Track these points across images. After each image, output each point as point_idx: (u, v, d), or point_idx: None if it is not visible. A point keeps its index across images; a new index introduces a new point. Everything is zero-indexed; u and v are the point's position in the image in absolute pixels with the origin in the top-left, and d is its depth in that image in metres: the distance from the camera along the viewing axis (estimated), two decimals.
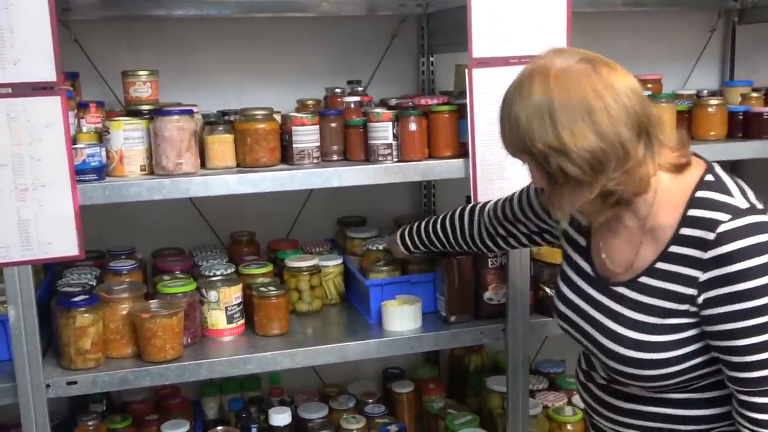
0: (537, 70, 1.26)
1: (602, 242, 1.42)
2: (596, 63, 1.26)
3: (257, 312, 2.00)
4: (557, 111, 1.22)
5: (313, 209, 2.53)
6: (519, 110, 1.26)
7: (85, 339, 1.80)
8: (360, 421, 2.30)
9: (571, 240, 1.51)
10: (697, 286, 1.27)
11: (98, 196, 1.73)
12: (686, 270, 1.29)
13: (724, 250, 1.24)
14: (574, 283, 1.47)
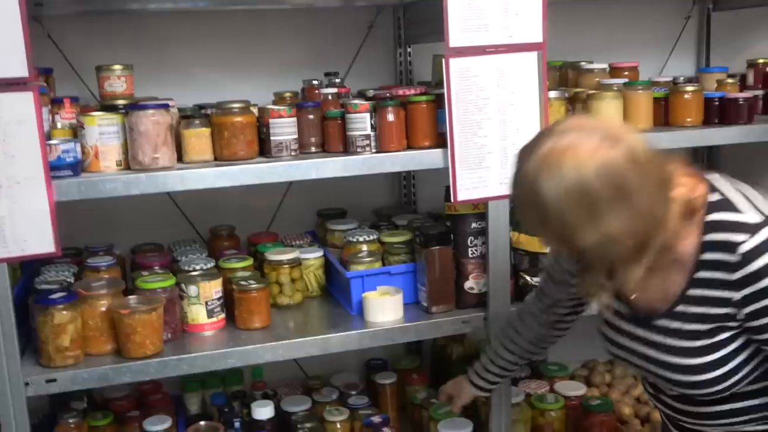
0: (563, 153, 1.19)
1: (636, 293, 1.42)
2: (618, 136, 1.21)
3: (238, 306, 1.99)
4: (596, 203, 1.18)
5: (292, 202, 2.52)
6: (551, 201, 1.19)
7: (64, 336, 1.78)
8: (343, 413, 2.30)
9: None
10: (734, 305, 1.31)
11: (74, 192, 1.71)
12: (718, 292, 1.32)
13: (751, 269, 1.26)
14: (617, 326, 1.49)
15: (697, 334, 1.35)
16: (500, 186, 1.94)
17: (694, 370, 1.37)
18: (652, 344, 1.42)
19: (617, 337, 1.49)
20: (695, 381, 1.37)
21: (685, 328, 1.36)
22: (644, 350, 1.43)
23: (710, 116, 2.20)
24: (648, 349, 1.43)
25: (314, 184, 2.44)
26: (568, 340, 2.55)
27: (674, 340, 1.38)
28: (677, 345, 1.38)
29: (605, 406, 2.32)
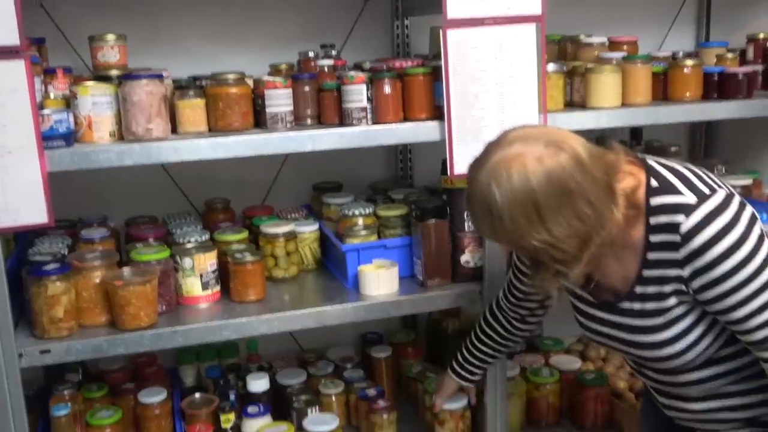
0: (511, 162, 1.27)
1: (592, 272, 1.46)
2: (561, 142, 1.28)
3: (233, 278, 1.99)
4: (543, 207, 1.26)
5: (288, 175, 2.51)
6: (502, 207, 1.27)
7: (58, 307, 1.77)
8: (338, 386, 2.30)
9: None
10: (684, 281, 1.36)
11: (66, 163, 1.69)
12: (669, 271, 1.37)
13: (692, 246, 1.32)
14: (587, 312, 1.56)
15: (657, 311, 1.42)
16: None
17: (661, 346, 1.43)
18: (620, 326, 1.48)
19: (589, 322, 1.56)
20: (665, 355, 1.44)
21: (646, 307, 1.43)
22: (615, 333, 1.50)
23: (709, 91, 2.18)
24: (618, 331, 1.49)
25: (310, 157, 2.42)
26: (563, 316, 2.56)
27: (638, 320, 1.45)
28: (641, 324, 1.44)
29: (600, 380, 2.32)
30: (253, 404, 2.12)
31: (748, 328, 1.34)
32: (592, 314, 1.54)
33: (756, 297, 1.32)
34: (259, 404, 2.12)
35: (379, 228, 2.17)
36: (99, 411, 2.10)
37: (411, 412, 2.37)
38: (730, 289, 1.32)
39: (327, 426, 2.05)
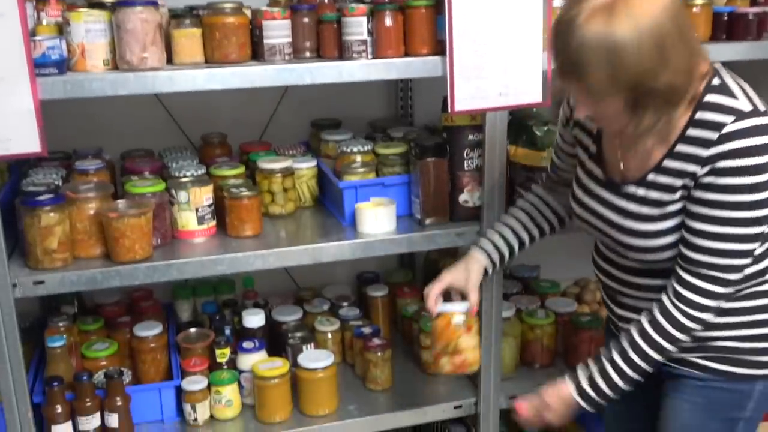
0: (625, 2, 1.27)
1: (620, 151, 1.52)
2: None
3: (229, 213, 1.97)
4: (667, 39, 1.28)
5: (286, 111, 2.47)
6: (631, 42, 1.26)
7: (52, 238, 1.76)
8: (334, 323, 2.31)
9: (584, 146, 1.62)
10: (695, 179, 1.40)
11: (59, 91, 1.66)
12: (689, 166, 1.41)
13: (724, 148, 1.36)
14: (587, 187, 1.60)
15: (658, 202, 1.46)
16: (499, 97, 1.88)
17: (649, 235, 1.48)
18: (617, 209, 1.52)
19: (587, 199, 1.59)
20: (647, 246, 1.49)
21: (649, 195, 1.47)
22: (608, 214, 1.54)
23: (718, 31, 2.13)
24: (612, 213, 1.53)
25: (309, 92, 2.39)
26: (560, 258, 2.56)
27: (636, 205, 1.49)
28: (637, 211, 1.49)
29: (595, 323, 2.33)
30: (249, 339, 2.13)
31: (700, 245, 1.42)
32: (593, 191, 1.57)
33: (728, 223, 1.39)
34: (254, 339, 2.13)
35: (378, 166, 2.14)
36: (94, 343, 2.11)
37: (406, 351, 2.38)
38: (724, 202, 1.38)
39: (322, 362, 2.06)
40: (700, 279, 1.44)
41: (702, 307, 1.46)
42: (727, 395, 1.57)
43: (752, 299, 1.53)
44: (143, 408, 2.02)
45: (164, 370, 2.13)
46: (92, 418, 1.93)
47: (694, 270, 1.44)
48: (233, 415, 2.06)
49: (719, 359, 1.55)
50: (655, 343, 1.48)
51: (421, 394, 2.18)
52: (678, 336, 1.47)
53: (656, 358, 1.49)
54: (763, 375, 1.56)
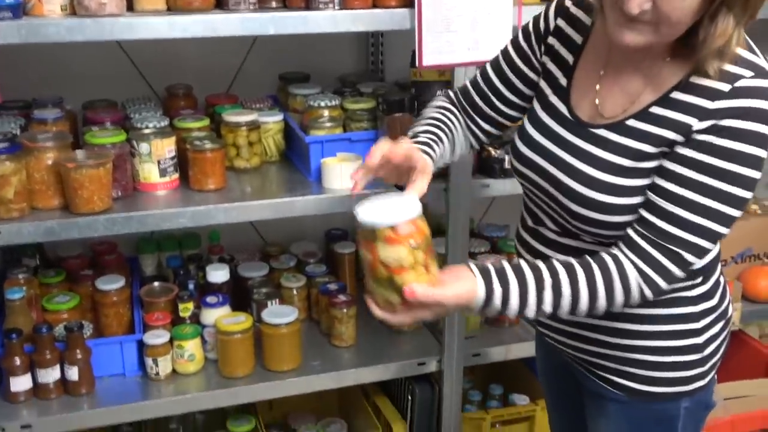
0: None
1: (600, 85, 1.34)
2: None
3: (192, 166, 1.95)
4: None
5: (254, 63, 2.43)
6: None
7: (8, 188, 1.73)
8: (300, 280, 2.31)
9: (550, 78, 1.43)
10: (687, 133, 1.22)
11: (13, 35, 1.61)
12: (682, 117, 1.23)
13: (735, 104, 1.19)
14: (545, 125, 1.40)
15: (633, 152, 1.27)
16: (468, 52, 1.87)
17: (612, 190, 1.28)
18: (580, 152, 1.32)
19: (542, 139, 1.39)
20: (605, 203, 1.29)
21: (623, 143, 1.28)
22: (567, 157, 1.34)
23: None
24: (572, 157, 1.33)
25: (277, 45, 2.37)
26: None
27: (605, 152, 1.29)
28: (608, 159, 1.29)
29: None
30: (213, 294, 2.12)
31: (667, 210, 1.22)
32: (552, 130, 1.38)
33: (715, 196, 1.21)
34: (218, 294, 2.12)
35: (345, 121, 2.12)
36: (56, 296, 2.09)
37: None
38: (715, 168, 1.20)
39: (286, 318, 2.06)
40: (662, 254, 1.24)
41: (657, 288, 1.26)
42: (652, 417, 1.43)
43: (677, 306, 1.38)
44: (104, 361, 2.01)
45: (127, 324, 2.12)
46: (51, 370, 1.92)
47: (658, 242, 1.24)
48: (195, 370, 2.06)
49: (638, 378, 1.41)
50: (594, 295, 1.25)
51: (386, 352, 2.19)
52: (617, 302, 1.26)
53: (582, 308, 1.26)
54: (687, 391, 1.41)
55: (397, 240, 1.22)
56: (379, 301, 1.28)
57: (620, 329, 1.40)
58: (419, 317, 1.27)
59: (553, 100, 1.41)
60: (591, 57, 1.39)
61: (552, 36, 1.44)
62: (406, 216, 1.25)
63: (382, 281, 1.24)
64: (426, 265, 1.25)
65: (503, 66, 1.53)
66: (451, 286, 1.23)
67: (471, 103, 1.56)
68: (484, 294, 1.23)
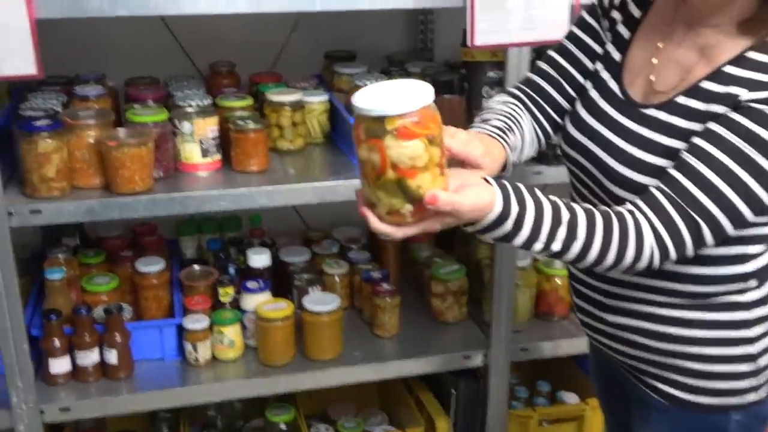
0: None
1: (657, 59, 1.31)
2: None
3: (234, 147, 1.95)
4: None
5: (299, 41, 2.43)
6: None
7: (49, 166, 1.75)
8: (342, 266, 2.30)
9: (605, 56, 1.40)
10: (736, 103, 1.18)
11: (56, 9, 1.63)
12: (732, 89, 1.19)
13: None
14: (597, 105, 1.38)
15: (680, 132, 1.23)
16: (523, 31, 1.83)
17: (652, 171, 1.24)
18: (628, 134, 1.29)
19: (589, 119, 1.37)
20: (645, 186, 1.23)
21: (672, 122, 1.25)
22: (612, 138, 1.31)
23: None
24: (618, 138, 1.31)
25: (323, 22, 2.35)
26: None
27: (654, 133, 1.26)
28: (653, 139, 1.26)
29: None
30: (253, 279, 2.13)
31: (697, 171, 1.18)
32: (604, 111, 1.35)
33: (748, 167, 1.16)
34: (259, 279, 2.13)
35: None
36: (95, 277, 2.12)
37: (416, 298, 2.37)
38: (754, 134, 1.16)
39: (327, 306, 2.06)
40: (681, 218, 1.18)
41: (666, 255, 1.19)
42: (698, 428, 1.38)
43: (729, 311, 1.32)
44: (143, 345, 2.04)
45: (166, 307, 2.14)
46: (90, 353, 1.95)
47: (680, 203, 1.18)
48: (235, 356, 2.07)
49: (682, 386, 1.36)
50: (607, 246, 1.18)
51: (430, 343, 2.18)
52: (626, 261, 1.19)
53: (589, 258, 1.18)
54: (739, 404, 1.36)
55: (411, 133, 1.05)
56: (382, 212, 1.10)
57: (664, 333, 1.36)
58: (428, 228, 1.12)
59: (605, 77, 1.39)
60: (649, 30, 1.36)
61: (616, 10, 1.42)
62: (421, 101, 1.06)
63: (388, 186, 1.07)
64: (441, 165, 1.09)
65: (568, 46, 1.47)
66: (470, 194, 1.09)
67: (537, 89, 1.48)
68: (500, 210, 1.11)
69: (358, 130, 1.09)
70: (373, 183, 1.09)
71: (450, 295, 2.24)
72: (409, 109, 1.04)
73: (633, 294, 1.37)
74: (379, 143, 1.05)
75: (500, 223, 1.13)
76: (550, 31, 1.83)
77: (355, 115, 1.09)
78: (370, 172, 1.08)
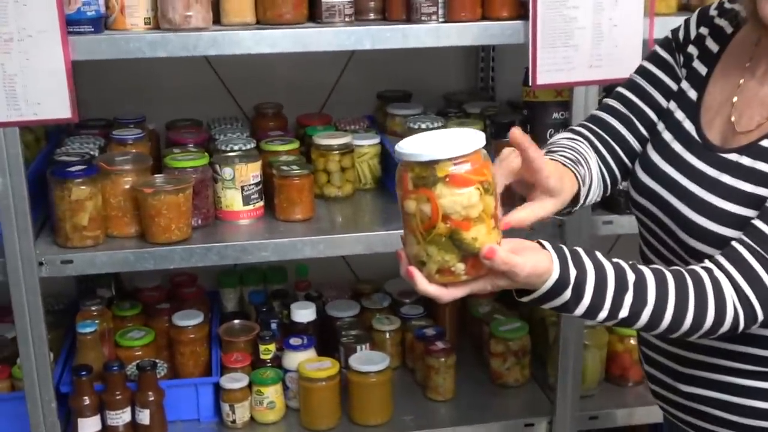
0: None
1: (738, 97, 1.27)
2: None
3: (278, 194, 1.95)
4: None
5: (350, 81, 2.44)
6: None
7: (82, 214, 1.78)
8: (394, 322, 2.28)
9: (680, 94, 1.37)
10: None
11: (94, 51, 1.67)
12: None
13: None
14: (670, 148, 1.33)
15: (765, 177, 1.18)
16: (590, 69, 1.80)
17: (738, 224, 1.18)
18: (704, 179, 1.25)
19: (662, 163, 1.32)
20: (727, 237, 1.19)
21: (757, 167, 1.19)
22: (686, 185, 1.27)
23: None
24: (693, 184, 1.26)
25: (376, 61, 2.36)
26: None
27: (735, 180, 1.21)
28: (735, 186, 1.20)
29: None
30: (297, 335, 2.12)
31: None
32: (675, 155, 1.31)
33: None
34: (303, 336, 2.11)
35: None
36: (130, 331, 2.13)
37: (474, 358, 2.33)
38: None
39: (376, 365, 2.03)
40: (766, 271, 1.13)
41: (752, 314, 1.14)
42: None
43: None
44: (178, 405, 2.04)
45: (203, 364, 2.14)
46: (122, 412, 1.95)
47: (763, 255, 1.13)
48: (275, 419, 2.06)
49: None
50: (683, 310, 1.12)
51: (488, 408, 2.13)
52: (706, 324, 1.14)
53: (663, 325, 1.13)
54: None
55: (465, 179, 1.02)
56: (431, 271, 1.06)
57: (747, 406, 1.28)
58: (478, 290, 1.09)
59: (680, 118, 1.34)
60: (729, 66, 1.32)
61: (692, 44, 1.38)
62: (474, 145, 1.03)
63: (439, 240, 1.03)
64: (496, 218, 1.06)
65: (639, 81, 1.43)
66: (530, 257, 1.06)
67: (605, 127, 1.43)
68: (558, 275, 1.07)
69: (405, 180, 1.06)
70: (422, 238, 1.06)
71: (511, 355, 2.19)
72: (462, 153, 1.02)
73: (711, 360, 1.30)
74: (430, 192, 1.02)
75: (558, 290, 1.09)
76: (621, 69, 1.79)
77: (399, 165, 1.07)
78: (419, 226, 1.05)
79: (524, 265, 1.05)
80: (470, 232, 1.03)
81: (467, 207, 1.03)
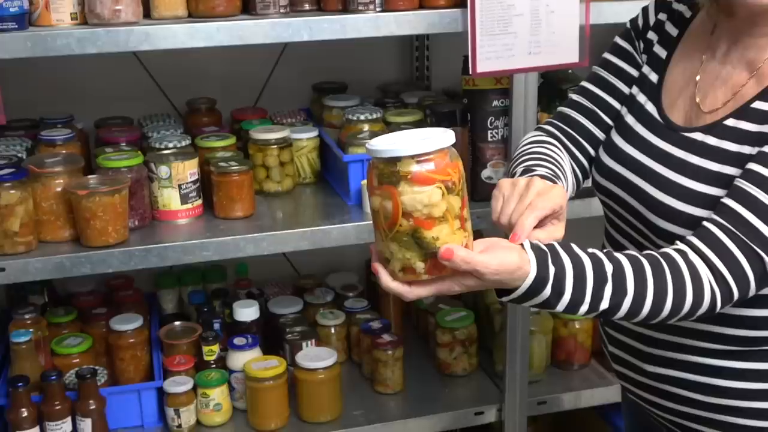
0: None
1: (700, 76, 1.31)
2: None
3: (217, 191, 1.93)
4: None
5: (285, 73, 2.42)
6: None
7: (13, 219, 1.72)
8: (338, 316, 2.28)
9: (641, 78, 1.40)
10: None
11: (19, 49, 1.61)
12: None
13: None
14: (633, 131, 1.36)
15: (734, 157, 1.21)
16: (529, 56, 1.82)
17: (708, 203, 1.20)
18: (671, 160, 1.28)
19: (626, 146, 1.36)
20: (696, 216, 1.21)
21: (722, 146, 1.23)
22: (653, 166, 1.29)
23: None
24: (659, 165, 1.29)
25: (310, 52, 2.35)
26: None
27: (702, 159, 1.24)
28: (704, 166, 1.23)
29: None
30: (241, 335, 2.10)
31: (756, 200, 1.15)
32: (638, 138, 1.34)
33: None
34: (247, 335, 2.10)
35: None
36: (66, 338, 2.09)
37: (421, 349, 2.35)
38: None
39: (323, 361, 2.03)
40: (741, 250, 1.14)
41: (728, 293, 1.15)
42: None
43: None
44: (120, 412, 2.00)
45: (145, 369, 2.11)
46: (62, 423, 1.90)
47: (738, 234, 1.15)
48: (222, 421, 2.04)
49: None
50: (662, 297, 1.14)
51: (437, 399, 2.15)
52: (684, 309, 1.15)
53: (643, 313, 1.15)
54: None
55: (427, 178, 1.03)
56: (395, 268, 1.08)
57: (712, 385, 1.31)
58: (444, 290, 1.10)
59: (642, 101, 1.38)
60: (689, 48, 1.36)
61: (652, 30, 1.42)
62: (438, 144, 1.05)
63: (401, 238, 1.06)
64: (462, 218, 1.08)
65: (602, 74, 1.46)
66: (497, 254, 1.06)
67: (571, 123, 1.46)
68: (535, 273, 1.08)
69: (371, 176, 1.08)
70: (385, 235, 1.07)
71: (458, 344, 2.21)
72: (425, 151, 1.04)
73: (675, 340, 1.33)
74: (393, 189, 1.04)
75: (538, 289, 1.10)
76: (559, 56, 1.83)
77: (369, 162, 1.09)
78: (382, 223, 1.07)
79: (488, 264, 1.06)
80: (432, 231, 1.05)
81: (428, 206, 1.04)
